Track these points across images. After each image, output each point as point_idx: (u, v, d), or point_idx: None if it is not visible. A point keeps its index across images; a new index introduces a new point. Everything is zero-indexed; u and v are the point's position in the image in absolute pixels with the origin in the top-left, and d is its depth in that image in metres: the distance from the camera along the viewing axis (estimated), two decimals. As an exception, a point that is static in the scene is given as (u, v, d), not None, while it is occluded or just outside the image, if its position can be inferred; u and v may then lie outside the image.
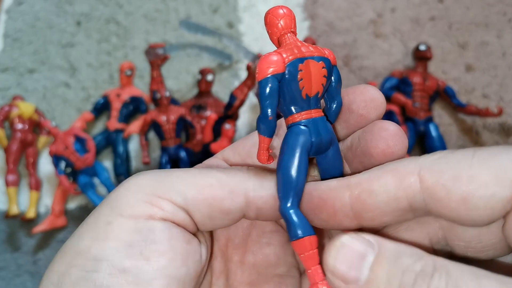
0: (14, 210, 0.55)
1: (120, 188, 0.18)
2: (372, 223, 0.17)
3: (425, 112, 0.58)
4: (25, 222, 0.57)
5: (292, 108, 0.19)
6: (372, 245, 0.16)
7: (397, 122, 0.56)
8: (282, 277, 0.22)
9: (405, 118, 0.58)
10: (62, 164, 0.55)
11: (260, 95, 0.18)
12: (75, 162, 0.54)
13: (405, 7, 0.67)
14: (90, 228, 0.18)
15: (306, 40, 0.58)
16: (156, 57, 0.55)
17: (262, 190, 0.19)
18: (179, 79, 0.64)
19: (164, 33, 0.67)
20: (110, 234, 0.17)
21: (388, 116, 0.57)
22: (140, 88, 0.62)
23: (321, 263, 0.18)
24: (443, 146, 0.56)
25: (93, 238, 0.17)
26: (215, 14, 0.68)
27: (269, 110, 0.18)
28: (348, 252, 0.16)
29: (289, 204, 0.18)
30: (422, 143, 0.58)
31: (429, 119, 0.58)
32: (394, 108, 0.57)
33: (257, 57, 0.53)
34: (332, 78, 0.19)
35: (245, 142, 0.21)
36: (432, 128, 0.57)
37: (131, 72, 0.60)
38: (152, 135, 0.59)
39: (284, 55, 0.18)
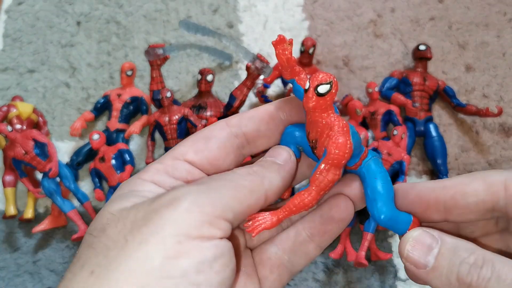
0: (11, 211, 0.55)
1: (179, 207, 0.19)
2: (458, 219, 0.22)
3: (425, 112, 0.58)
4: (24, 222, 0.57)
5: None
6: (436, 239, 0.21)
7: (397, 122, 0.56)
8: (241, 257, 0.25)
9: (405, 118, 0.58)
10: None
11: None
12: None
13: (405, 7, 0.67)
14: (159, 248, 0.18)
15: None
16: (156, 57, 0.55)
17: (275, 187, 0.23)
18: (179, 79, 0.64)
19: (164, 33, 0.67)
20: (182, 253, 0.18)
21: (388, 116, 0.57)
22: (140, 88, 0.62)
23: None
24: (443, 146, 0.56)
25: (165, 257, 0.18)
26: (215, 14, 0.68)
27: None
28: (418, 244, 0.21)
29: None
30: (422, 143, 0.58)
31: (429, 119, 0.58)
32: (394, 108, 0.57)
33: (256, 58, 0.53)
34: None
35: (209, 146, 0.23)
36: (432, 128, 0.57)
37: (132, 72, 0.60)
38: (157, 135, 0.59)
39: None
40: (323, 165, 0.21)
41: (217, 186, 0.20)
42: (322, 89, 0.20)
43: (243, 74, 0.63)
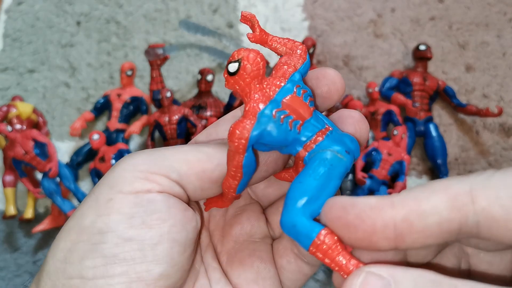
0: (11, 211, 0.55)
1: (116, 168, 0.20)
2: (412, 245, 0.16)
3: (425, 112, 0.58)
4: (24, 222, 0.57)
5: None
6: (387, 280, 0.15)
7: (397, 122, 0.56)
8: (257, 243, 0.24)
9: (405, 118, 0.58)
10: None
11: None
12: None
13: (405, 7, 0.67)
14: (92, 206, 0.19)
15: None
16: (156, 57, 0.55)
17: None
18: (179, 79, 0.64)
19: (164, 33, 0.67)
20: (112, 209, 0.18)
21: (388, 116, 0.57)
22: (140, 88, 0.62)
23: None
24: (443, 146, 0.56)
25: (97, 214, 0.18)
26: (215, 14, 0.68)
27: None
28: None
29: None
30: (422, 143, 0.58)
31: (429, 119, 0.58)
32: (394, 108, 0.57)
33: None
34: None
35: (218, 129, 0.23)
36: (432, 128, 0.57)
37: (131, 72, 0.60)
38: (157, 135, 0.59)
39: None
40: (227, 150, 0.20)
41: (165, 151, 0.20)
42: (231, 67, 0.18)
43: (243, 74, 0.63)
